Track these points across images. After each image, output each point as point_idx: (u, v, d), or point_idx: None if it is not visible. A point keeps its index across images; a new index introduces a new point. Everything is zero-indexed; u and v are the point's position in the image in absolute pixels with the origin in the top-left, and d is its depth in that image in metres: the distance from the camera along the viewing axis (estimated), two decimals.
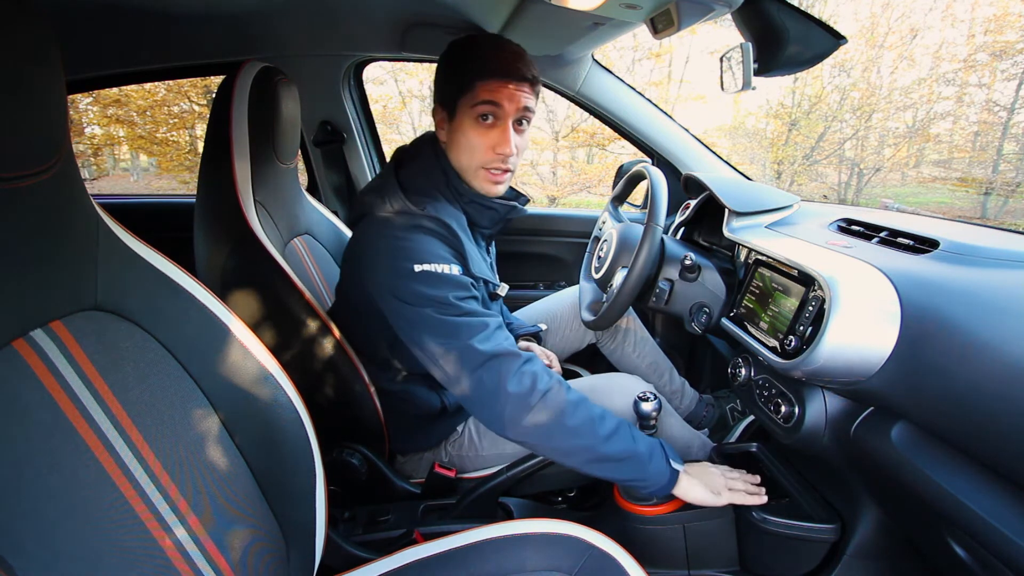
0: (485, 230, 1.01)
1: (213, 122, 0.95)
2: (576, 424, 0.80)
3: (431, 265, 0.83)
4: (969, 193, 6.61)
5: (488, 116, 0.87)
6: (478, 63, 0.86)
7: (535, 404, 0.79)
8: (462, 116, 0.88)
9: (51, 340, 0.46)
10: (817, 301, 0.76)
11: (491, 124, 0.88)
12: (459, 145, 0.91)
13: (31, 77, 0.42)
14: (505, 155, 0.89)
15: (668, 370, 1.37)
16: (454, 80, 0.88)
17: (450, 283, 0.84)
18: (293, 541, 0.65)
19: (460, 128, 0.89)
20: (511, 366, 0.80)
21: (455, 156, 0.92)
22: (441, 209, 0.90)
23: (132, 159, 8.28)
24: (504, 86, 0.86)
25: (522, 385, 0.80)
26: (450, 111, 0.90)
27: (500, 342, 0.82)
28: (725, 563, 0.96)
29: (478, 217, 0.97)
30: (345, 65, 1.60)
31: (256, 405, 0.62)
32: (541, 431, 0.80)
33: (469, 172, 0.93)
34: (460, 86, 0.87)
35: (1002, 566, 0.57)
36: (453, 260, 0.87)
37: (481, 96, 0.86)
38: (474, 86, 0.86)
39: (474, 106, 0.86)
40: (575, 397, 0.82)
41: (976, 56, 6.34)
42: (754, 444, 1.10)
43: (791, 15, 0.92)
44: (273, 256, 0.93)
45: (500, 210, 0.97)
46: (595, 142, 6.95)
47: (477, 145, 0.89)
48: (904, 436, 0.69)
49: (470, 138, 0.89)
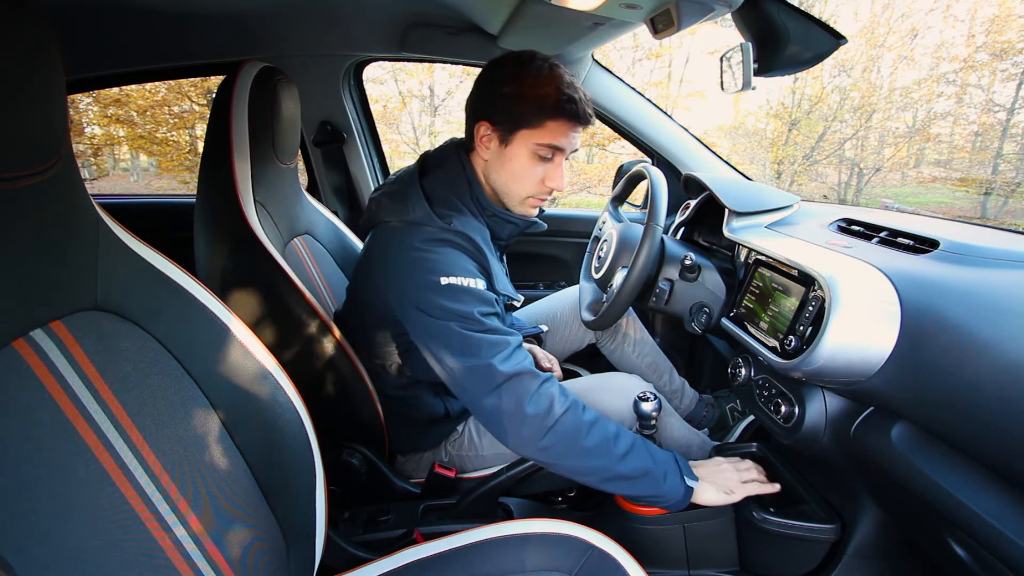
0: (502, 242, 1.01)
1: (213, 122, 0.95)
2: (592, 444, 0.80)
3: (458, 279, 0.83)
4: (969, 193, 6.61)
5: (550, 155, 0.88)
6: (554, 102, 0.84)
7: (552, 425, 0.79)
8: (520, 146, 0.88)
9: (51, 340, 0.46)
10: (817, 301, 0.76)
11: (547, 160, 0.89)
12: (508, 172, 0.90)
13: (31, 77, 0.42)
14: (555, 191, 0.92)
15: (668, 370, 1.37)
16: (520, 108, 0.86)
17: (476, 298, 0.83)
18: (293, 541, 0.65)
19: (514, 156, 0.89)
20: (530, 387, 0.80)
21: (498, 177, 0.92)
22: (467, 223, 0.89)
23: (132, 159, 8.29)
24: (573, 130, 0.87)
25: (540, 407, 0.80)
26: (504, 135, 0.89)
27: (520, 362, 0.82)
28: (725, 563, 0.96)
29: (499, 230, 0.97)
30: (345, 65, 1.60)
31: (256, 405, 0.62)
32: (558, 452, 0.80)
33: (512, 198, 0.93)
34: (527, 118, 0.86)
35: (1002, 566, 0.57)
36: (479, 275, 0.86)
37: (549, 138, 0.86)
38: (544, 124, 0.85)
39: (539, 143, 0.86)
40: (591, 417, 0.82)
41: (976, 56, 6.34)
42: (754, 444, 1.10)
43: (791, 15, 0.92)
44: (273, 256, 0.93)
45: (520, 224, 0.98)
46: (595, 142, 6.95)
47: (531, 177, 0.90)
48: (904, 436, 0.69)
49: (525, 169, 0.89)
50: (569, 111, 0.85)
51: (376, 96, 6.96)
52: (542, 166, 0.89)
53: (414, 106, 7.50)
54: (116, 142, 6.90)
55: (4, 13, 0.40)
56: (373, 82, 6.93)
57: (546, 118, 0.85)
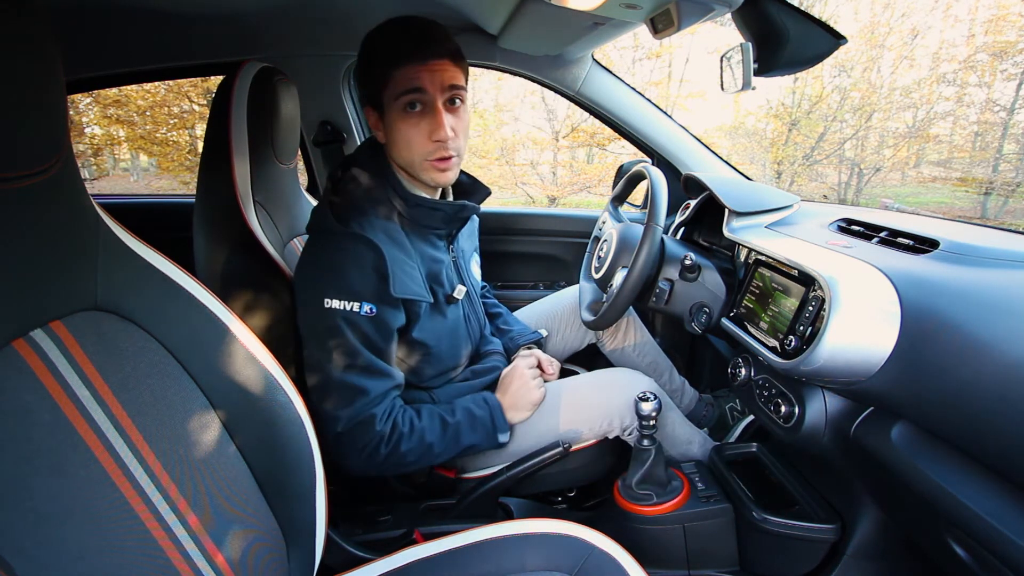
0: (440, 230, 0.98)
1: (212, 122, 0.95)
2: (415, 459, 0.90)
3: (343, 302, 0.83)
4: (969, 193, 6.61)
5: (416, 104, 0.83)
6: (389, 51, 0.82)
7: (383, 461, 0.88)
8: (390, 111, 0.85)
9: (51, 340, 0.46)
10: (817, 301, 0.76)
11: (421, 112, 0.84)
12: (396, 142, 0.87)
13: (31, 77, 0.42)
14: (442, 140, 0.84)
15: (668, 370, 1.37)
16: (371, 74, 0.85)
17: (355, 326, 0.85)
18: (293, 541, 0.65)
19: (392, 124, 0.86)
20: (364, 437, 0.86)
21: (396, 154, 0.90)
22: (367, 225, 0.86)
23: (132, 159, 8.29)
24: (422, 68, 0.81)
25: (373, 449, 0.86)
26: (378, 108, 0.87)
27: (360, 411, 0.85)
28: (725, 563, 0.96)
29: (427, 220, 0.94)
30: (345, 65, 1.60)
31: (256, 405, 0.62)
32: (390, 470, 0.91)
33: (415, 167, 0.89)
34: (379, 79, 0.84)
35: (1002, 566, 0.57)
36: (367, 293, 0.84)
37: (401, 85, 0.82)
38: (391, 76, 0.82)
39: (398, 97, 0.83)
40: (416, 442, 0.89)
41: (976, 56, 6.34)
42: (754, 444, 1.10)
43: (791, 15, 0.92)
44: (272, 256, 0.93)
45: (448, 210, 0.94)
46: (595, 142, 6.95)
47: (412, 137, 0.85)
48: (904, 436, 0.69)
49: (403, 132, 0.85)
50: (404, 52, 0.81)
51: None
52: (419, 121, 0.84)
53: None
54: (116, 142, 6.90)
55: (4, 13, 0.40)
56: None
57: (389, 68, 0.82)
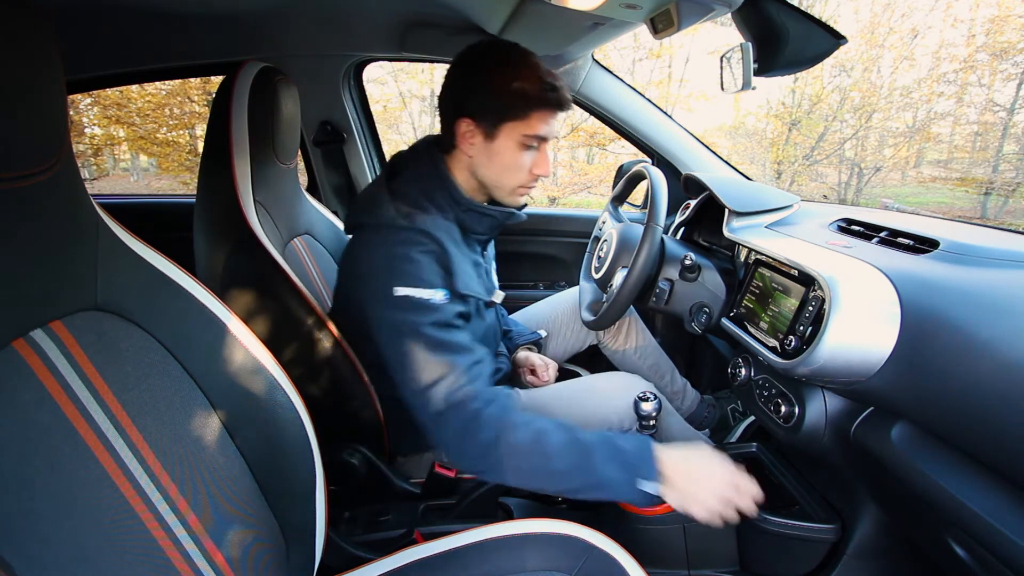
0: (482, 236, 1.00)
1: (213, 122, 0.95)
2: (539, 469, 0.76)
3: (413, 290, 0.82)
4: (969, 193, 6.61)
5: (536, 144, 0.89)
6: (536, 93, 0.85)
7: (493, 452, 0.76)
8: (507, 139, 0.88)
9: (51, 340, 0.46)
10: (817, 301, 0.76)
11: (534, 148, 0.90)
12: (498, 165, 0.90)
13: (31, 77, 0.42)
14: (544, 177, 0.93)
15: (669, 371, 1.37)
16: (503, 101, 0.86)
17: (428, 310, 0.83)
18: (293, 541, 0.65)
19: (503, 150, 0.89)
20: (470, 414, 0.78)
21: (487, 172, 0.92)
22: (431, 222, 0.88)
23: (132, 159, 8.29)
24: (555, 118, 0.89)
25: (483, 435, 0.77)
26: (489, 130, 0.88)
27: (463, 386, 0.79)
28: (725, 563, 0.96)
29: (475, 224, 0.96)
30: (345, 65, 1.60)
31: (256, 405, 0.62)
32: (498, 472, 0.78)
33: (503, 189, 0.94)
34: (510, 110, 0.86)
35: (1002, 566, 0.57)
36: (437, 283, 0.85)
37: (534, 128, 0.87)
38: (529, 115, 0.86)
39: (526, 135, 0.87)
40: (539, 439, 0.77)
41: (976, 56, 6.34)
42: (754, 444, 1.10)
43: (791, 15, 0.92)
44: (273, 256, 0.93)
45: (499, 216, 0.97)
46: (595, 142, 6.95)
47: (520, 168, 0.90)
48: (904, 436, 0.69)
49: (513, 160, 0.89)
50: (552, 100, 0.86)
51: (376, 96, 6.97)
52: (529, 155, 0.90)
53: (414, 106, 7.50)
54: (116, 142, 6.90)
55: (4, 13, 0.40)
56: (373, 82, 6.94)
57: (531, 109, 0.86)
